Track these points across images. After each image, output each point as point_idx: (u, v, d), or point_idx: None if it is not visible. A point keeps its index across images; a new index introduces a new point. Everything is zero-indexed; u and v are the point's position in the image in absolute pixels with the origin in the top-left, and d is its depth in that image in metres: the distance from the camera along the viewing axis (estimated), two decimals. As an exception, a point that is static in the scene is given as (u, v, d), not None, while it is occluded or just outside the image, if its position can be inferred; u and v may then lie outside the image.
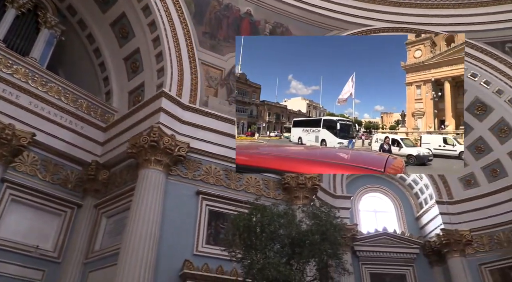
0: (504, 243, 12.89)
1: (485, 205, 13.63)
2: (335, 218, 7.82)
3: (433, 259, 14.51)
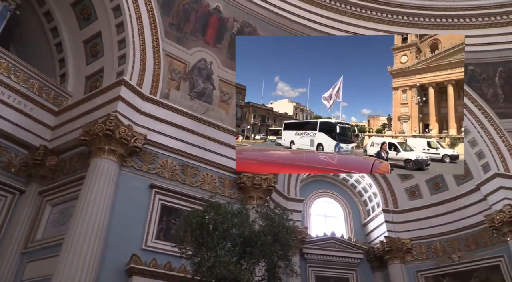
0: (440, 253, 13.74)
1: (426, 216, 14.44)
2: (287, 220, 7.96)
3: (375, 265, 15.15)
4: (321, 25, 14.08)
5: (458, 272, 13.11)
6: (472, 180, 13.20)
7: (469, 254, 12.96)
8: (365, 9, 14.58)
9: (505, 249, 11.75)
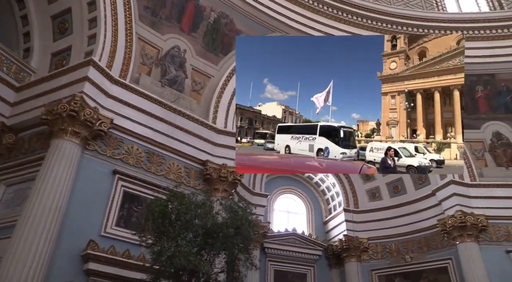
0: (394, 253, 14.29)
1: (384, 217, 14.96)
2: (251, 214, 8.00)
3: (333, 262, 15.57)
4: (298, 23, 14.15)
5: (409, 272, 13.69)
6: (429, 185, 13.78)
7: (421, 255, 13.56)
8: (341, 11, 14.80)
9: (454, 252, 12.37)
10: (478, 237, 12.04)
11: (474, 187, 12.75)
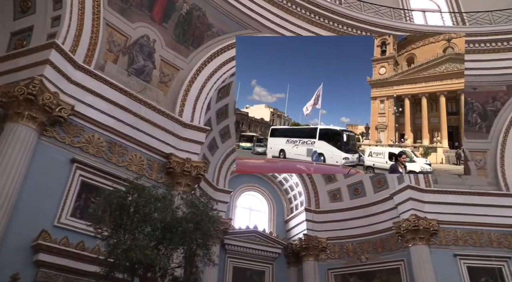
0: (351, 253, 14.70)
1: (344, 218, 15.34)
2: (212, 209, 7.97)
3: (291, 260, 15.80)
4: (271, 22, 14.17)
5: (364, 272, 14.13)
6: (388, 189, 14.27)
7: (375, 256, 14.03)
8: (314, 13, 14.98)
9: (406, 254, 12.89)
10: (429, 241, 12.61)
11: (428, 193, 13.33)
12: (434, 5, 19.09)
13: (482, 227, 12.89)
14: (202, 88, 12.01)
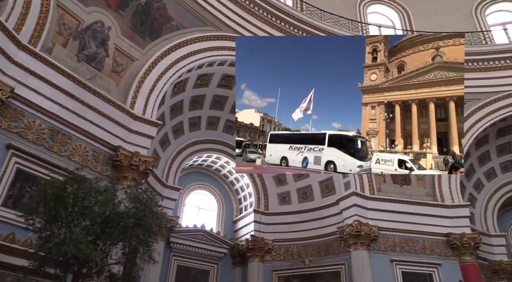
0: (295, 256, 14.95)
1: (291, 221, 15.58)
2: (156, 205, 7.77)
3: (237, 260, 15.80)
4: (232, 21, 14.16)
5: (307, 274, 14.43)
6: (334, 194, 14.69)
7: (319, 259, 14.38)
8: (275, 17, 15.15)
9: (347, 258, 13.33)
10: (369, 246, 13.12)
11: (372, 200, 13.88)
12: (389, 21, 20.05)
13: (417, 235, 13.62)
14: (157, 82, 11.71)
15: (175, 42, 12.40)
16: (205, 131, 16.40)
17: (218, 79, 14.65)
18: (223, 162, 17.15)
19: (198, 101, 15.11)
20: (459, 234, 13.50)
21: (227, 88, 15.14)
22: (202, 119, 15.99)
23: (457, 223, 13.82)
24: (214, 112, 15.99)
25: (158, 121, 11.34)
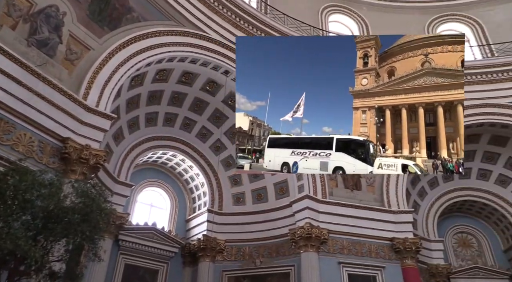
0: (247, 256, 15.01)
1: (244, 222, 15.63)
2: (105, 201, 7.49)
3: (187, 260, 15.61)
4: (196, 18, 13.98)
5: (257, 275, 14.53)
6: (289, 197, 14.93)
7: (269, 260, 14.52)
8: (239, 18, 15.17)
9: (297, 260, 13.57)
10: (319, 248, 13.45)
11: (324, 203, 14.26)
12: (349, 31, 20.75)
13: (364, 239, 14.15)
14: (113, 74, 11.27)
15: (135, 34, 12.02)
16: (161, 128, 16.08)
17: (178, 76, 14.41)
18: (178, 159, 16.88)
19: (156, 96, 14.77)
20: (403, 238, 14.19)
21: (187, 85, 14.93)
22: (159, 115, 15.65)
23: (401, 228, 14.51)
24: (172, 109, 15.70)
25: (112, 114, 10.92)
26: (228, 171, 16.72)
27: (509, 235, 17.87)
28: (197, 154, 16.84)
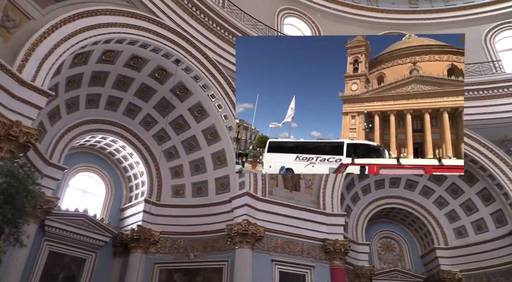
0: (181, 249, 14.81)
1: (181, 215, 15.40)
2: (34, 183, 7.02)
3: (119, 250, 15.07)
4: (151, 2, 13.57)
5: (190, 269, 14.41)
6: (229, 192, 14.97)
7: (204, 255, 14.48)
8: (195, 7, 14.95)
9: (231, 256, 13.66)
10: (254, 245, 13.64)
11: (262, 201, 14.49)
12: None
13: (298, 238, 14.60)
14: (55, 48, 10.52)
15: (83, 9, 11.32)
16: (103, 111, 15.35)
17: (126, 59, 13.83)
18: (118, 145, 16.23)
19: (100, 77, 14.06)
20: (334, 240, 14.86)
21: (135, 70, 14.39)
22: (102, 98, 14.92)
23: (333, 230, 15.18)
24: (116, 93, 15.04)
25: (49, 91, 10.17)
26: (170, 162, 16.41)
27: (427, 242, 19.43)
28: (139, 142, 16.31)
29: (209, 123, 15.52)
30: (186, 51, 14.37)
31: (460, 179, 17.89)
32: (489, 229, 17.29)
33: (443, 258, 18.10)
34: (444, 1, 22.31)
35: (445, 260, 18.03)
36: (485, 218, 17.48)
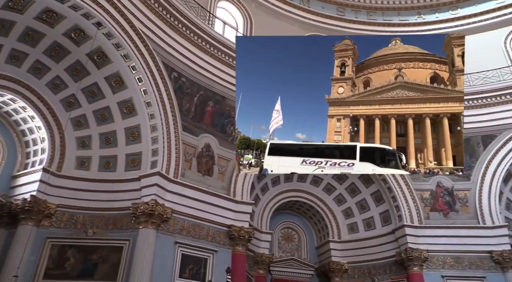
0: (79, 225, 13.87)
1: (84, 188, 14.39)
2: None
3: (5, 221, 13.63)
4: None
5: (86, 246, 13.60)
6: (139, 170, 14.40)
7: (104, 232, 13.79)
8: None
9: (134, 235, 13.20)
10: (159, 226, 13.35)
11: (173, 183, 14.22)
12: (234, 23, 21.13)
13: (205, 223, 14.60)
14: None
15: None
16: (4, 65, 13.60)
17: (38, 11, 12.37)
18: (18, 106, 14.52)
19: (5, 26, 12.41)
20: (239, 227, 15.23)
21: (47, 25, 12.95)
22: (4, 50, 13.19)
23: (240, 217, 15.53)
24: (22, 47, 13.41)
25: None
26: (77, 131, 15.20)
27: (323, 235, 20.98)
28: (44, 105, 14.75)
29: (127, 96, 14.65)
30: (110, 16, 13.35)
31: (359, 179, 19.55)
32: (376, 227, 19.28)
33: (335, 250, 19.75)
34: (367, 15, 23.86)
35: (336, 252, 19.69)
36: (375, 217, 19.44)
